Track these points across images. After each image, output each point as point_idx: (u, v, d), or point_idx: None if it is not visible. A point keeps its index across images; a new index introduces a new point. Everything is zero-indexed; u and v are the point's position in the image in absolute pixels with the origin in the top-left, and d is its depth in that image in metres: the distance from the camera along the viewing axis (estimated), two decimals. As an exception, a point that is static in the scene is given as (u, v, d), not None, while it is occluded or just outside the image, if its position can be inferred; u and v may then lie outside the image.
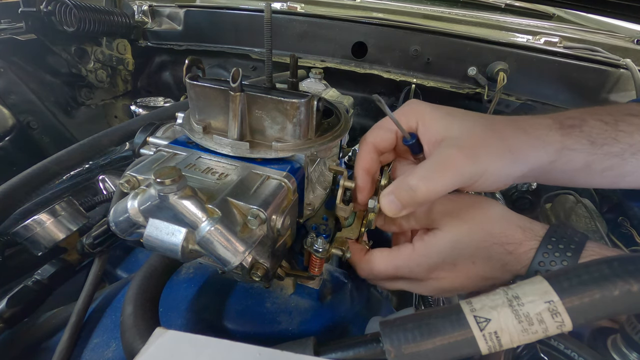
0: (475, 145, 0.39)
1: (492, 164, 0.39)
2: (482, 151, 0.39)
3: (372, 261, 0.47)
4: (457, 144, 0.40)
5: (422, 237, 0.45)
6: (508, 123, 0.42)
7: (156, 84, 1.60)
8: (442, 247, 0.43)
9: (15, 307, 0.49)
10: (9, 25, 1.19)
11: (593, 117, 0.41)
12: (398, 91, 1.25)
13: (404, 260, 0.45)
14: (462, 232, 0.42)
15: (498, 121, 0.42)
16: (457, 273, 0.43)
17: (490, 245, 0.40)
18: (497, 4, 1.55)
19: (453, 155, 0.39)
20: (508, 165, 0.40)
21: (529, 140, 0.40)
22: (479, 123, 0.42)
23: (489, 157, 0.39)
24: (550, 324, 0.27)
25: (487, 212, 0.43)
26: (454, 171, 0.39)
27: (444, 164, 0.39)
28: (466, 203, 0.44)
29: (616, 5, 0.74)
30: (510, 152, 0.40)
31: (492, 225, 0.41)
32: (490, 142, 0.40)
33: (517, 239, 0.40)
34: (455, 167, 0.39)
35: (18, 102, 1.17)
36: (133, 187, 0.40)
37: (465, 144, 0.40)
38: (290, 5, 1.46)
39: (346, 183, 0.46)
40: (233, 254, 0.35)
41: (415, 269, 0.45)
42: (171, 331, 0.30)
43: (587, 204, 0.94)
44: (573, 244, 0.37)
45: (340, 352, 0.33)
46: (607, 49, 1.17)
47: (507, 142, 0.40)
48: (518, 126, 0.41)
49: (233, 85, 0.41)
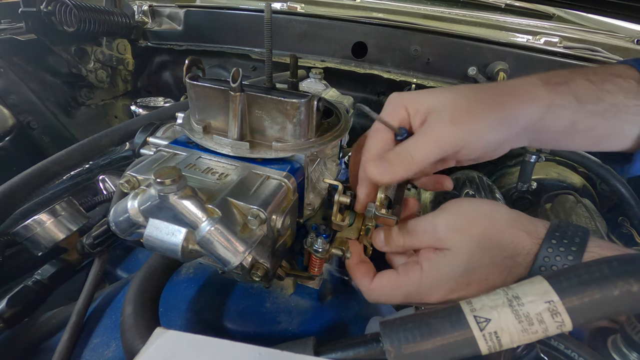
0: (459, 111, 0.40)
1: (477, 125, 0.39)
2: (466, 115, 0.39)
3: (380, 290, 0.44)
4: (442, 112, 0.41)
5: (430, 258, 0.41)
6: (493, 87, 0.42)
7: (156, 84, 1.60)
8: (454, 268, 0.40)
9: (15, 307, 0.49)
10: (9, 25, 1.19)
11: (580, 76, 0.42)
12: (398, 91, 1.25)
13: (414, 285, 0.42)
14: (473, 250, 0.39)
15: (483, 88, 0.43)
16: (470, 290, 0.41)
17: (501, 260, 0.39)
18: (497, 4, 1.55)
19: (439, 124, 0.40)
20: (495, 127, 0.40)
21: (517, 97, 0.40)
22: (463, 94, 0.42)
23: (474, 120, 0.39)
24: (550, 324, 0.27)
25: (493, 220, 0.40)
26: (439, 137, 0.39)
27: (432, 133, 0.40)
28: (471, 214, 0.42)
29: (616, 5, 0.74)
30: (496, 112, 0.40)
31: (501, 235, 0.39)
32: (474, 108, 0.40)
33: (525, 247, 0.38)
34: (441, 134, 0.39)
35: (18, 102, 1.17)
36: (133, 187, 0.40)
37: (449, 111, 0.40)
38: (290, 5, 1.46)
39: (341, 198, 0.45)
40: (233, 254, 0.35)
41: (426, 292, 0.42)
42: (171, 331, 0.30)
43: (587, 204, 0.94)
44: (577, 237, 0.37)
45: (340, 352, 0.33)
46: (607, 49, 1.17)
47: (492, 104, 0.40)
48: (504, 89, 0.42)
49: (233, 85, 0.41)
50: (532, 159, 0.96)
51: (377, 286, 0.44)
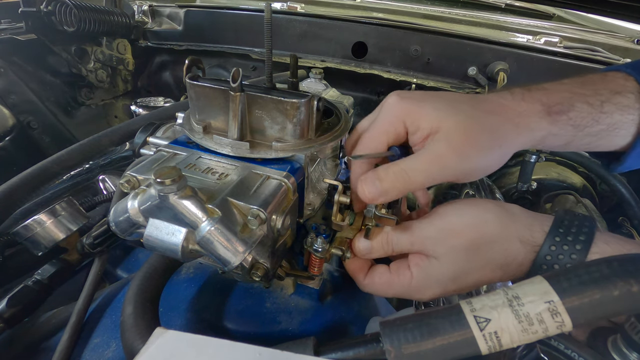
0: (466, 143, 0.39)
1: (482, 160, 0.40)
2: (473, 149, 0.39)
3: (372, 287, 0.47)
4: (447, 138, 0.40)
5: (419, 265, 0.43)
6: (496, 111, 0.42)
7: (156, 84, 1.60)
8: (442, 275, 0.41)
9: (15, 307, 0.49)
10: (9, 25, 1.19)
11: (580, 100, 0.42)
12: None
13: (404, 287, 0.44)
14: (461, 260, 0.40)
15: (487, 112, 0.41)
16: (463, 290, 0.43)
17: (492, 269, 0.40)
18: (497, 4, 1.55)
19: (443, 151, 0.39)
20: (496, 158, 0.41)
21: (518, 131, 0.41)
22: (469, 115, 0.41)
23: (479, 154, 0.40)
24: (550, 324, 0.27)
25: (481, 232, 0.40)
26: (443, 166, 0.39)
27: (434, 159, 0.40)
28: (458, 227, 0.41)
29: (616, 5, 0.74)
30: (500, 147, 0.40)
31: (490, 247, 0.39)
32: (480, 139, 0.40)
33: (518, 257, 0.39)
34: (445, 163, 0.39)
35: (18, 102, 1.17)
36: (133, 187, 0.40)
37: (455, 140, 0.39)
38: (290, 5, 1.46)
39: (341, 198, 0.45)
40: (233, 254, 0.35)
41: (416, 294, 0.44)
42: (171, 331, 0.30)
43: (587, 204, 0.94)
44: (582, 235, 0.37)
45: (340, 352, 0.33)
46: (607, 49, 1.17)
47: (496, 135, 0.40)
48: (507, 118, 0.41)
49: (233, 85, 0.41)
50: (532, 159, 0.96)
51: (369, 283, 0.47)
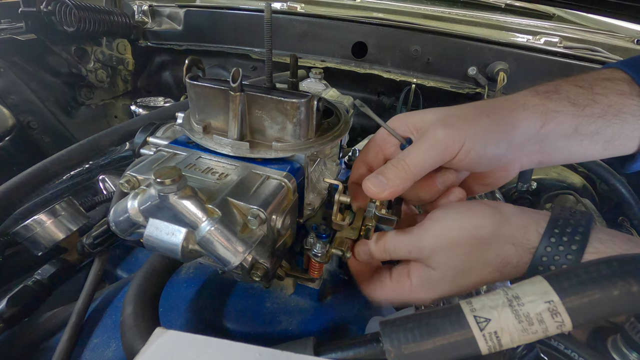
0: (452, 117, 0.41)
1: (472, 128, 0.40)
2: (458, 120, 0.40)
3: (373, 293, 0.47)
4: (434, 123, 0.42)
5: (418, 273, 0.43)
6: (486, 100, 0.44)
7: (156, 84, 1.60)
8: (440, 284, 0.42)
9: (15, 307, 0.49)
10: (9, 25, 1.20)
11: (567, 83, 0.42)
12: (398, 91, 1.25)
13: (405, 293, 0.45)
14: (458, 267, 0.40)
15: (477, 102, 0.44)
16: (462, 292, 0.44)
17: (488, 273, 0.40)
18: (497, 4, 1.55)
19: (429, 131, 0.41)
20: (492, 130, 0.40)
21: (509, 105, 0.41)
22: (458, 107, 0.44)
23: (466, 123, 0.40)
24: (550, 324, 0.27)
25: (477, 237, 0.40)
26: (431, 140, 0.40)
27: (422, 139, 0.41)
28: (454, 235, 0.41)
29: (616, 5, 0.74)
30: (490, 116, 0.40)
31: (486, 252, 0.39)
32: (467, 114, 0.41)
33: (513, 260, 0.39)
34: (432, 137, 0.40)
35: (18, 102, 1.17)
36: (133, 187, 0.40)
37: (442, 120, 0.41)
38: (290, 5, 1.46)
39: (341, 198, 0.45)
40: (233, 254, 0.35)
41: (416, 300, 0.45)
42: (171, 331, 0.30)
43: (587, 204, 0.94)
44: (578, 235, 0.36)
45: (340, 352, 0.33)
46: (607, 49, 1.17)
47: (486, 110, 0.41)
48: (496, 101, 0.43)
49: (233, 85, 0.41)
50: (532, 159, 0.95)
51: (371, 291, 0.47)
